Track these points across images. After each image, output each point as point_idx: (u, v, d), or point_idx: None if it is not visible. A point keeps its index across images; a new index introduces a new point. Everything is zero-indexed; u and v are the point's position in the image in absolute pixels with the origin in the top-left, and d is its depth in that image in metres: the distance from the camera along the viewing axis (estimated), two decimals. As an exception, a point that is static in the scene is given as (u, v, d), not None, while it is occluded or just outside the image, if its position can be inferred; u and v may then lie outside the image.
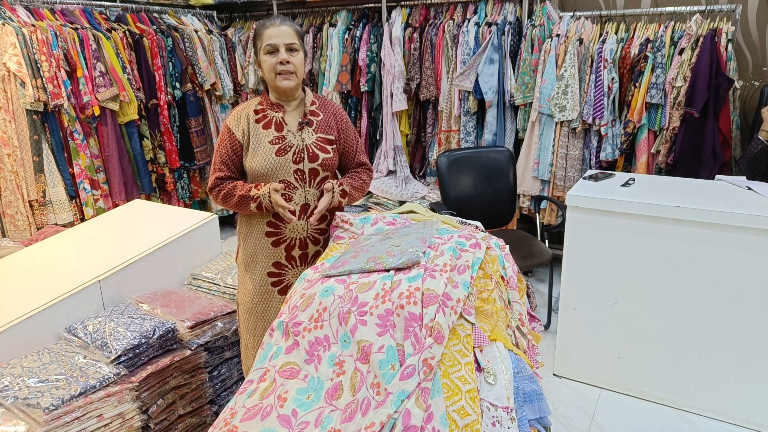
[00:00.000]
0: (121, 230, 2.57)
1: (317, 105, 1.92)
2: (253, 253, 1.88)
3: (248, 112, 1.85)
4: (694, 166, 3.03)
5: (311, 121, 1.87)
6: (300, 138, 1.83)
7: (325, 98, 1.97)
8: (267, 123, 1.83)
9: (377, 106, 3.96)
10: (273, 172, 1.79)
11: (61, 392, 1.67)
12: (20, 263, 2.35)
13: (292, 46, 1.77)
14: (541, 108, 3.37)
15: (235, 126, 1.83)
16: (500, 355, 1.29)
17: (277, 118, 1.83)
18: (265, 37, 1.76)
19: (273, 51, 1.76)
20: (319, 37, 4.14)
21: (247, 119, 1.83)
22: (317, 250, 1.89)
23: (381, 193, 3.97)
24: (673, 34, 3.08)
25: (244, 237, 1.91)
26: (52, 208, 3.43)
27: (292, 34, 1.77)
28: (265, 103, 1.86)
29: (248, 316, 1.92)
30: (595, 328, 2.50)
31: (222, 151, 1.84)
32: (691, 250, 2.23)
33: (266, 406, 1.25)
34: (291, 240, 1.85)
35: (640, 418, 2.35)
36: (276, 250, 1.85)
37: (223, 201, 1.84)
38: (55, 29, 3.35)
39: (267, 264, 1.87)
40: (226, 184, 1.83)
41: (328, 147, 1.87)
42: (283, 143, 1.80)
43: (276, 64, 1.75)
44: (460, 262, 1.46)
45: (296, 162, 1.81)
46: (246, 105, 1.88)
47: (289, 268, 1.88)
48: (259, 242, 1.86)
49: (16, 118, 3.22)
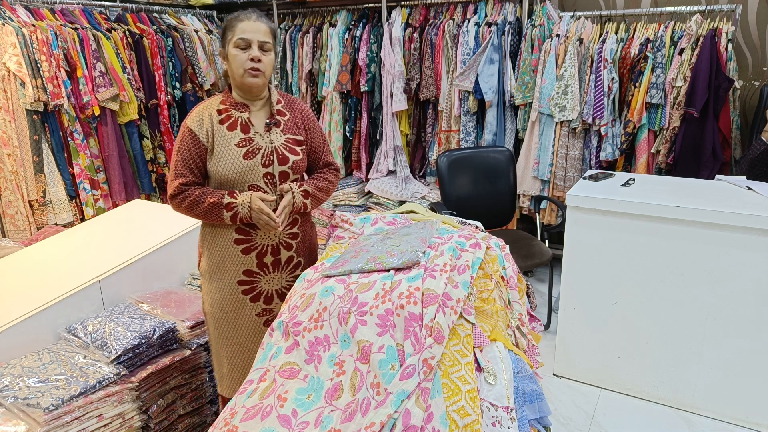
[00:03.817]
0: (121, 230, 2.57)
1: (283, 104, 1.80)
2: (220, 261, 1.74)
3: (211, 112, 1.70)
4: (694, 166, 3.03)
5: (279, 121, 1.76)
6: (268, 140, 1.71)
7: (290, 96, 1.86)
8: (232, 124, 1.69)
9: (377, 106, 3.96)
10: (241, 177, 1.67)
11: (61, 392, 1.67)
12: (20, 263, 2.35)
13: (265, 45, 1.66)
14: (541, 108, 3.37)
15: (197, 127, 1.67)
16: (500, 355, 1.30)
17: (242, 118, 1.71)
18: (238, 30, 1.64)
19: (245, 46, 1.64)
20: (319, 37, 4.14)
21: (210, 120, 1.69)
22: (290, 255, 1.78)
23: (381, 193, 3.97)
24: (673, 34, 3.08)
25: (208, 245, 1.76)
26: (52, 208, 3.42)
27: (267, 31, 1.67)
28: (228, 102, 1.72)
29: (218, 326, 1.80)
30: (595, 328, 2.50)
31: (184, 155, 1.67)
32: (691, 250, 2.23)
33: (266, 406, 1.25)
34: (262, 247, 1.73)
35: (640, 418, 2.35)
36: (247, 258, 1.73)
37: (189, 209, 1.68)
38: (55, 29, 3.35)
39: (237, 272, 1.74)
40: (192, 190, 1.67)
41: (297, 148, 1.77)
42: (250, 146, 1.68)
43: (246, 60, 1.64)
44: (460, 262, 1.46)
45: (265, 165, 1.69)
46: (207, 104, 1.73)
47: (261, 275, 1.76)
48: (227, 250, 1.73)
49: (16, 118, 3.22)
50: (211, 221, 1.70)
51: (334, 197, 4.13)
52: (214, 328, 1.81)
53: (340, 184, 4.16)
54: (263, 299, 1.78)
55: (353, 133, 4.14)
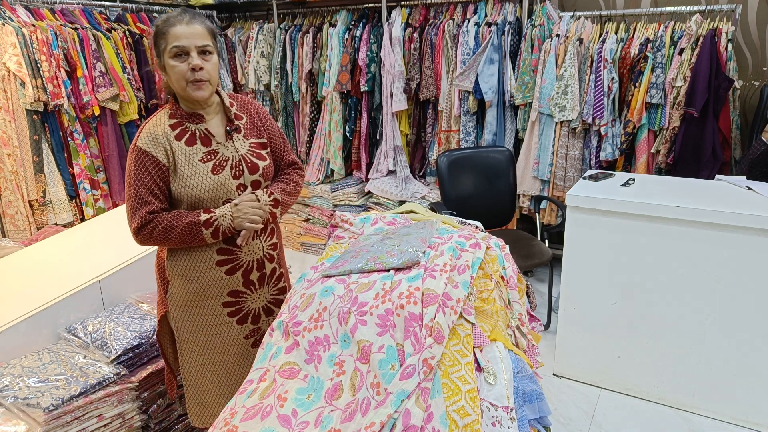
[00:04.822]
0: (121, 230, 2.57)
1: (236, 106, 1.65)
2: (200, 287, 1.60)
3: (163, 128, 1.53)
4: (694, 166, 3.03)
5: (238, 126, 1.62)
6: (233, 148, 1.58)
7: (239, 96, 1.69)
8: (190, 138, 1.54)
9: (377, 106, 3.96)
10: (213, 194, 1.53)
11: (61, 392, 1.67)
12: (20, 263, 2.35)
13: (206, 48, 1.49)
14: (541, 108, 3.37)
15: (152, 147, 1.50)
16: (500, 355, 1.30)
17: (199, 130, 1.55)
18: (171, 37, 1.45)
19: (182, 54, 1.46)
20: (319, 37, 4.14)
21: (165, 137, 1.52)
22: (273, 267, 1.70)
23: (381, 193, 3.97)
24: (673, 34, 3.08)
25: (182, 272, 1.59)
26: (52, 208, 3.42)
27: (204, 33, 1.49)
28: (179, 114, 1.55)
29: (202, 352, 1.67)
30: (595, 328, 2.50)
31: (145, 180, 1.49)
32: (691, 250, 2.23)
33: (266, 406, 1.25)
34: (248, 264, 1.63)
35: (640, 418, 2.35)
36: (231, 279, 1.61)
37: (161, 238, 1.51)
38: (55, 29, 3.35)
39: (221, 295, 1.62)
40: (161, 217, 1.50)
41: (263, 152, 1.64)
42: (216, 158, 1.54)
43: (187, 71, 1.46)
44: (460, 262, 1.46)
45: (236, 177, 1.56)
46: (155, 121, 1.55)
47: (248, 294, 1.65)
48: (208, 275, 1.59)
49: (16, 118, 3.22)
50: (189, 244, 1.54)
51: (334, 197, 4.13)
52: (198, 355, 1.68)
53: (340, 184, 4.17)
54: (251, 319, 1.69)
55: (353, 133, 4.14)
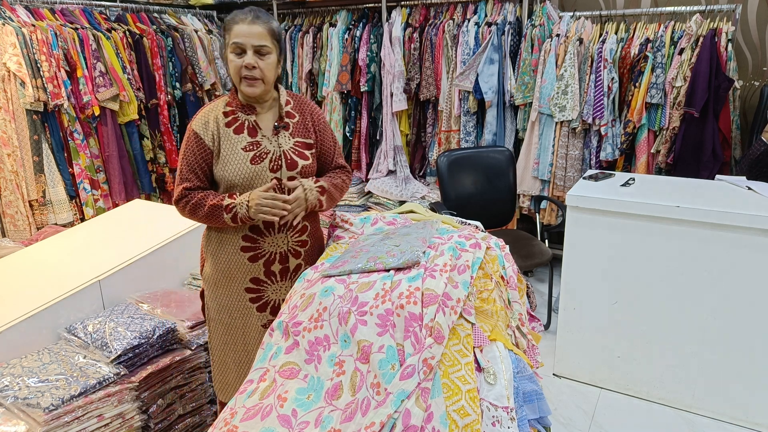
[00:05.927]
0: (121, 230, 2.57)
1: (292, 105, 1.72)
2: (226, 269, 1.69)
3: (216, 114, 1.64)
4: (694, 166, 3.03)
5: (288, 124, 1.69)
6: (276, 143, 1.65)
7: (300, 97, 1.77)
8: (239, 127, 1.63)
9: (377, 106, 3.96)
10: (248, 183, 1.61)
11: (61, 392, 1.67)
12: (20, 263, 2.35)
13: (262, 49, 1.56)
14: (541, 108, 3.37)
15: (202, 130, 1.61)
16: (500, 355, 1.29)
17: (249, 121, 1.64)
18: (233, 34, 1.55)
19: (239, 51, 1.55)
20: (319, 37, 4.14)
21: (216, 123, 1.63)
22: (298, 263, 1.72)
23: (381, 193, 3.97)
24: (673, 34, 3.08)
25: (213, 252, 1.71)
26: (52, 208, 3.42)
27: (263, 34, 1.55)
28: (234, 104, 1.66)
29: (227, 331, 1.75)
30: (595, 328, 2.50)
31: (189, 159, 1.62)
32: (691, 250, 2.23)
33: (266, 406, 1.25)
34: (270, 254, 1.67)
35: (640, 418, 2.35)
36: (254, 266, 1.67)
37: (191, 212, 1.63)
38: (55, 29, 3.35)
39: (244, 280, 1.69)
40: (194, 194, 1.62)
41: (306, 152, 1.70)
42: (258, 150, 1.62)
43: (241, 68, 1.55)
44: (460, 262, 1.46)
45: (273, 170, 1.63)
46: (213, 106, 1.67)
47: (268, 284, 1.70)
48: (233, 258, 1.67)
49: (16, 118, 3.22)
50: (214, 224, 1.65)
51: (334, 197, 4.13)
52: (222, 334, 1.76)
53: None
54: (270, 309, 1.73)
55: (353, 133, 4.14)
